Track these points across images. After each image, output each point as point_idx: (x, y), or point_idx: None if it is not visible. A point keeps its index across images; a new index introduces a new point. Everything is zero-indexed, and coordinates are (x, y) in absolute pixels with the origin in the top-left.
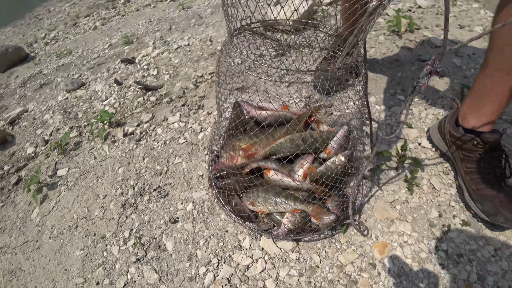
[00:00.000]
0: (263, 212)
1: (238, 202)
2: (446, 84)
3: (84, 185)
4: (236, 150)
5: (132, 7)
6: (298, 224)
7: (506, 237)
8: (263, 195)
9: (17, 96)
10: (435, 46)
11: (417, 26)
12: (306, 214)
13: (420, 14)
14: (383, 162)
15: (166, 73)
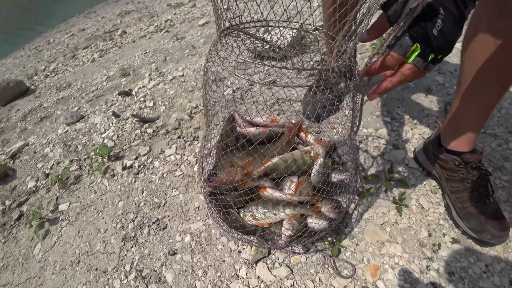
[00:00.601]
0: (264, 225)
1: (238, 218)
2: (431, 102)
3: (85, 219)
4: (234, 166)
5: (129, 38)
6: (297, 228)
7: (496, 252)
8: (261, 207)
9: (18, 129)
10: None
11: None
12: (302, 219)
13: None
14: (372, 185)
15: (162, 104)
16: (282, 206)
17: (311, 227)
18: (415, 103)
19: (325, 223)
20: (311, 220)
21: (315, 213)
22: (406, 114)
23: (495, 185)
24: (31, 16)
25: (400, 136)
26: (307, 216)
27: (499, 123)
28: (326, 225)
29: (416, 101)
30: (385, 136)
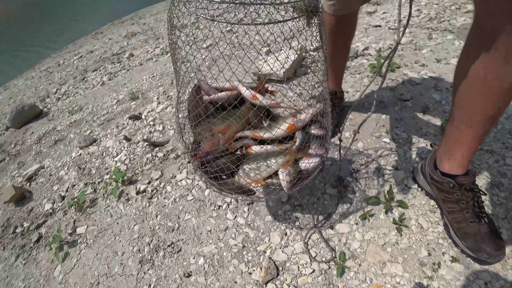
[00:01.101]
0: (260, 182)
1: (233, 181)
2: (428, 120)
3: (103, 242)
4: (214, 133)
5: (136, 61)
6: (294, 173)
7: (495, 270)
8: (253, 164)
9: (33, 152)
10: (415, 83)
11: (398, 65)
12: (296, 164)
13: (400, 51)
14: (372, 207)
15: (171, 128)
16: (273, 157)
17: (306, 168)
18: (413, 122)
19: (317, 160)
20: (304, 161)
21: (305, 155)
22: (405, 134)
23: (492, 202)
24: (40, 36)
25: (399, 157)
26: (299, 160)
27: (496, 139)
28: (319, 162)
29: (413, 120)
30: (385, 157)
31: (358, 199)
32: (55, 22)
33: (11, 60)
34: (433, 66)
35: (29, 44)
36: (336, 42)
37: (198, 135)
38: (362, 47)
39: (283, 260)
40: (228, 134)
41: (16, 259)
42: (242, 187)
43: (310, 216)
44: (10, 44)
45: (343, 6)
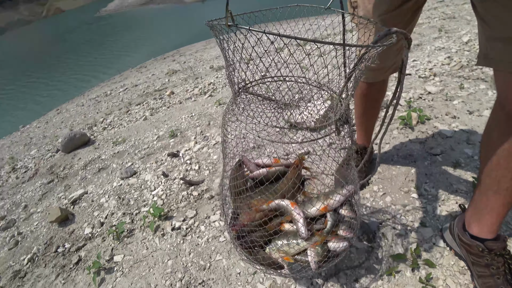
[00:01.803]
0: (288, 258)
1: (266, 255)
2: (459, 176)
3: (138, 273)
4: (251, 208)
5: (176, 99)
6: (322, 253)
7: None
8: (284, 241)
9: (79, 177)
10: (446, 137)
11: (428, 117)
12: (324, 245)
13: (430, 101)
14: (398, 263)
15: (206, 168)
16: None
17: (333, 250)
18: (443, 178)
19: (345, 245)
20: (332, 243)
21: (333, 237)
22: (434, 190)
23: None
24: (90, 66)
25: (427, 213)
26: (327, 241)
27: None
28: (347, 246)
29: (444, 176)
30: (413, 213)
31: (385, 254)
32: (105, 54)
33: (63, 86)
34: (465, 118)
35: (80, 73)
36: (366, 105)
37: (237, 208)
38: (390, 95)
39: None
40: (264, 207)
41: (56, 278)
42: (272, 261)
43: (334, 267)
44: (63, 72)
45: (374, 75)
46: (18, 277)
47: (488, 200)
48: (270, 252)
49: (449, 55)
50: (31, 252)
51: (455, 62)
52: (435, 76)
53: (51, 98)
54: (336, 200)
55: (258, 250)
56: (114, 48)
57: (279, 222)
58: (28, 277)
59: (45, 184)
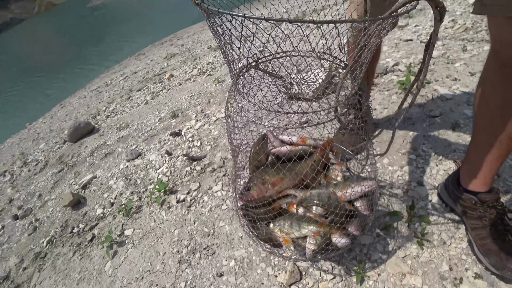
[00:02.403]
0: (286, 241)
1: (268, 231)
2: (458, 136)
3: (147, 243)
4: (265, 183)
5: (176, 81)
6: (321, 244)
7: None
8: (288, 221)
9: (87, 164)
10: (446, 99)
11: (428, 81)
12: (326, 236)
13: (432, 66)
14: (395, 220)
15: (208, 144)
16: (307, 223)
17: (334, 244)
18: (441, 139)
19: (347, 241)
20: (335, 237)
21: (339, 231)
22: (432, 150)
23: None
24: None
25: (424, 173)
26: (332, 234)
27: None
28: (349, 243)
29: (442, 137)
30: (410, 173)
31: (381, 213)
32: (103, 45)
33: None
34: (466, 80)
35: (80, 67)
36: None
37: (251, 181)
38: (392, 62)
39: (307, 266)
40: (277, 188)
41: (73, 255)
42: (271, 239)
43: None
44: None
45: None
46: (39, 258)
47: (483, 153)
48: (272, 229)
49: (453, 18)
50: (49, 235)
51: (459, 25)
52: (437, 40)
53: (54, 94)
54: (354, 192)
55: (261, 224)
56: (112, 38)
57: (288, 202)
58: (48, 257)
59: (56, 173)
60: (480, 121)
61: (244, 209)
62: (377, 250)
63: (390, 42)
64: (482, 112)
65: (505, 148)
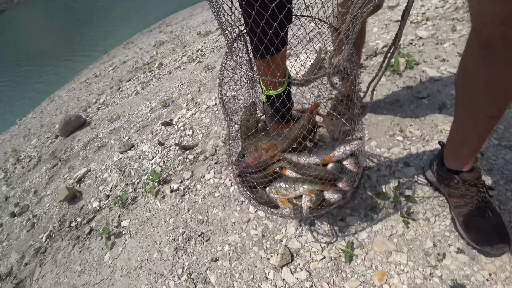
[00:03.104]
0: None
1: (264, 194)
2: (445, 117)
3: (144, 233)
4: (258, 149)
5: (165, 69)
6: (316, 202)
7: (502, 262)
8: (283, 184)
9: (81, 157)
10: (434, 80)
11: (416, 62)
12: (320, 193)
13: (421, 46)
14: (382, 200)
15: (199, 132)
16: (301, 182)
17: (327, 200)
18: (428, 120)
19: (339, 196)
20: (327, 194)
21: (331, 188)
22: (419, 132)
23: (506, 197)
24: (75, 48)
25: (411, 154)
26: (324, 191)
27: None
28: (340, 198)
29: (429, 118)
30: (397, 154)
31: (369, 194)
32: (90, 35)
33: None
34: (454, 61)
35: (67, 58)
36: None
37: (244, 148)
38: (381, 44)
39: (297, 248)
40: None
41: (73, 248)
42: (269, 201)
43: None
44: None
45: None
46: (39, 253)
47: (465, 133)
48: (269, 192)
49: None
50: (47, 230)
51: (449, 4)
52: (427, 21)
53: (42, 88)
54: (342, 152)
55: (258, 189)
56: (99, 27)
57: (281, 167)
58: (48, 251)
59: (50, 168)
60: (462, 100)
61: (242, 176)
62: (364, 230)
63: (380, 23)
64: (464, 91)
65: (486, 127)
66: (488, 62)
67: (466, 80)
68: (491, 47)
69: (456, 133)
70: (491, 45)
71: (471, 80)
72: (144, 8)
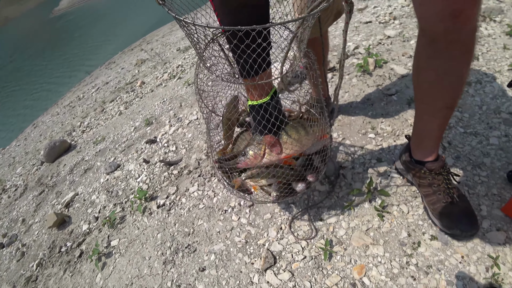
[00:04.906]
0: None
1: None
2: (413, 111)
3: (133, 250)
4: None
5: (147, 88)
6: (283, 190)
7: (473, 244)
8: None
9: (68, 182)
10: (402, 76)
11: (385, 60)
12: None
13: (389, 45)
14: (357, 197)
15: (183, 147)
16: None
17: (294, 188)
18: (398, 115)
19: (304, 186)
20: (294, 183)
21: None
22: (390, 128)
23: (474, 182)
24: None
25: (383, 150)
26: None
27: (481, 120)
28: (305, 187)
29: (399, 113)
30: (370, 151)
31: (345, 192)
32: (70, 56)
33: (33, 99)
34: None
35: (48, 81)
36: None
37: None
38: (353, 46)
39: (279, 250)
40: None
41: (64, 273)
42: (243, 186)
43: (301, 211)
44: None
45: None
46: (30, 281)
47: (425, 124)
48: (243, 178)
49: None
50: (38, 258)
51: None
52: (394, 20)
53: (25, 113)
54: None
55: (235, 175)
56: (79, 49)
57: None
58: (40, 279)
59: (37, 196)
60: (419, 94)
61: (219, 162)
62: (342, 227)
63: (351, 26)
64: (419, 85)
65: (443, 116)
66: (436, 57)
67: (419, 75)
68: (436, 43)
69: (418, 125)
70: (436, 41)
71: (423, 74)
72: (124, 26)
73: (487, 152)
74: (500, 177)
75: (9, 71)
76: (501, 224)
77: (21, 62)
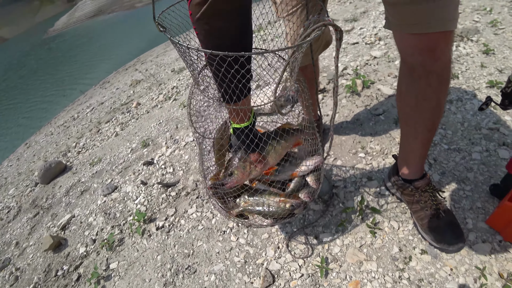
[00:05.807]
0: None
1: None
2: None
3: (133, 273)
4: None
5: (143, 109)
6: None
7: (461, 256)
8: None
9: (64, 204)
10: (388, 96)
11: (372, 81)
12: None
13: (376, 66)
14: (350, 215)
15: (180, 169)
16: (268, 195)
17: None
18: (386, 134)
19: (301, 209)
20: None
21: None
22: (378, 147)
23: (458, 196)
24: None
25: (373, 168)
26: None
27: (463, 136)
28: (302, 209)
29: (387, 132)
30: (361, 170)
31: (338, 211)
32: (65, 76)
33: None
34: None
35: (42, 100)
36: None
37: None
38: (341, 67)
39: (277, 269)
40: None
41: None
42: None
43: (297, 230)
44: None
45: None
46: None
47: (410, 145)
48: (239, 204)
49: None
50: (32, 282)
51: None
52: (380, 40)
53: (17, 132)
54: (305, 170)
55: (230, 200)
56: (73, 68)
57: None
58: None
59: (31, 218)
60: (402, 116)
61: (213, 188)
62: (336, 245)
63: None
64: (402, 108)
65: (425, 137)
66: (415, 84)
67: (402, 99)
68: (416, 72)
69: (403, 145)
70: (415, 70)
71: (405, 98)
72: (118, 46)
73: (470, 167)
74: (483, 190)
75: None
76: (486, 236)
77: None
